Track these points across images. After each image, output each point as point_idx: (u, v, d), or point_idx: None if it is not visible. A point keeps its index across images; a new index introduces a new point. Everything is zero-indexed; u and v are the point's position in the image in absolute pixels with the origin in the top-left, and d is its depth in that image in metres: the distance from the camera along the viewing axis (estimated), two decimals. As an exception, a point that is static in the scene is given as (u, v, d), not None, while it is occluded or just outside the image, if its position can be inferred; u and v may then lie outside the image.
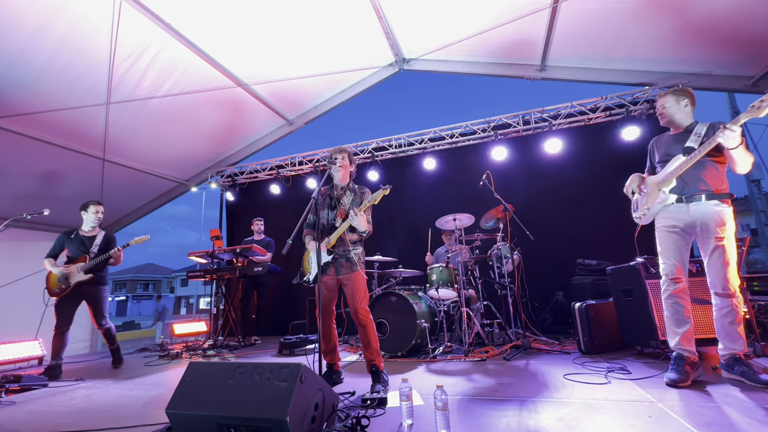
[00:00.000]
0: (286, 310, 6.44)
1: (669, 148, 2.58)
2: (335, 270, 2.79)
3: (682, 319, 2.44)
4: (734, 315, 2.28)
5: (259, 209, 6.71)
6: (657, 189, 2.55)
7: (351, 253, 2.77)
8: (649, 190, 2.61)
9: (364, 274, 2.82)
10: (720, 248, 2.31)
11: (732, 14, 3.61)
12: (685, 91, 2.59)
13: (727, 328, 2.31)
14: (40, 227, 5.98)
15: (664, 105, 2.61)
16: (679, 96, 2.56)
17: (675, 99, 2.57)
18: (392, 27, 4.73)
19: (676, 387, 2.28)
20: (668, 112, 2.59)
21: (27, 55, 3.79)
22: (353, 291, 2.73)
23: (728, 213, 2.35)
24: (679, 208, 2.46)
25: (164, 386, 3.14)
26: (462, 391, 2.46)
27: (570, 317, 3.72)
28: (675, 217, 2.48)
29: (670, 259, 2.51)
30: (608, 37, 4.30)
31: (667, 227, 2.52)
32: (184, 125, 5.55)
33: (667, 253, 2.52)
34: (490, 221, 4.41)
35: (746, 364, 2.21)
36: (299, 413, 1.60)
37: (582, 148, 5.29)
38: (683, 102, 2.56)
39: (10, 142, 4.60)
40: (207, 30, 4.18)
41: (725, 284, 2.30)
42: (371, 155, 6.13)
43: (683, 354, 2.39)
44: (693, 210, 2.41)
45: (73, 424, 2.21)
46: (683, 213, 2.44)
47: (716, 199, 2.36)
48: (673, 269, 2.49)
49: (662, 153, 2.63)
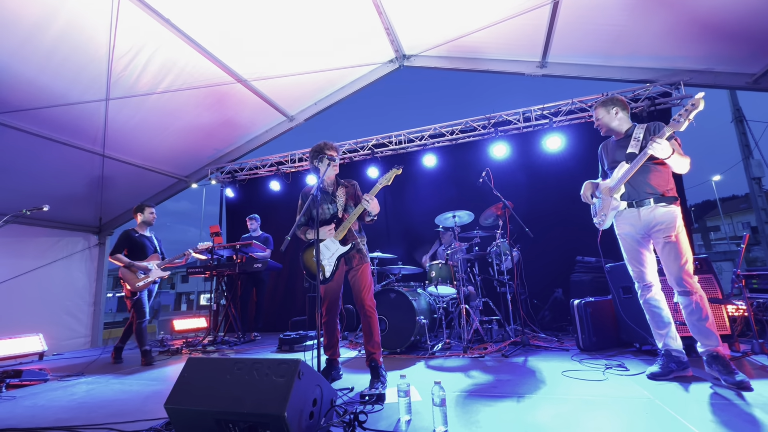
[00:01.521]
0: (286, 307, 6.46)
1: (614, 155, 2.67)
2: (346, 261, 2.81)
3: (662, 321, 2.51)
4: (699, 311, 2.29)
5: (259, 206, 6.71)
6: (609, 196, 2.62)
7: (361, 244, 2.84)
8: (603, 196, 2.69)
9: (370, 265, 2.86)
10: (669, 244, 2.36)
11: (734, 11, 3.59)
12: (613, 100, 2.69)
13: (696, 325, 2.32)
14: (39, 223, 5.98)
15: (597, 117, 2.73)
16: (608, 106, 2.67)
17: (605, 110, 2.68)
18: (392, 23, 4.71)
19: (655, 380, 2.38)
20: (603, 122, 2.70)
21: (26, 51, 3.78)
22: (361, 282, 2.76)
23: (676, 212, 2.42)
24: (631, 213, 2.54)
25: (164, 382, 3.15)
26: (460, 388, 2.47)
27: (569, 314, 3.73)
28: (629, 223, 2.56)
29: (636, 266, 2.58)
30: (609, 33, 4.28)
31: (625, 233, 2.61)
32: (184, 121, 5.54)
33: (632, 261, 2.60)
34: (489, 218, 4.41)
35: (723, 362, 2.21)
36: (297, 409, 1.61)
37: (582, 145, 5.27)
38: (612, 110, 2.66)
39: (9, 138, 4.59)
40: (207, 26, 4.17)
41: (680, 281, 2.33)
42: (371, 152, 6.12)
43: (671, 352, 2.46)
44: (643, 214, 2.48)
45: (74, 419, 2.22)
46: (635, 218, 2.52)
47: (664, 202, 2.44)
48: (641, 275, 2.57)
49: (610, 159, 2.71)
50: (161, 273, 4.19)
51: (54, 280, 6.11)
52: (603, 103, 2.70)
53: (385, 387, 2.51)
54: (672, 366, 2.41)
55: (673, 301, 2.49)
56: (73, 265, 6.47)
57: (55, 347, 5.53)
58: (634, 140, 2.51)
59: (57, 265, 6.16)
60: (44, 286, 5.93)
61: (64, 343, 5.96)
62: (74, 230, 6.54)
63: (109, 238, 7.13)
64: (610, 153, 2.74)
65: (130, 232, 4.28)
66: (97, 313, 6.68)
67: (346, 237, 2.80)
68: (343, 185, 2.97)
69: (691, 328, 2.37)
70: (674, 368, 2.41)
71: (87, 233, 6.77)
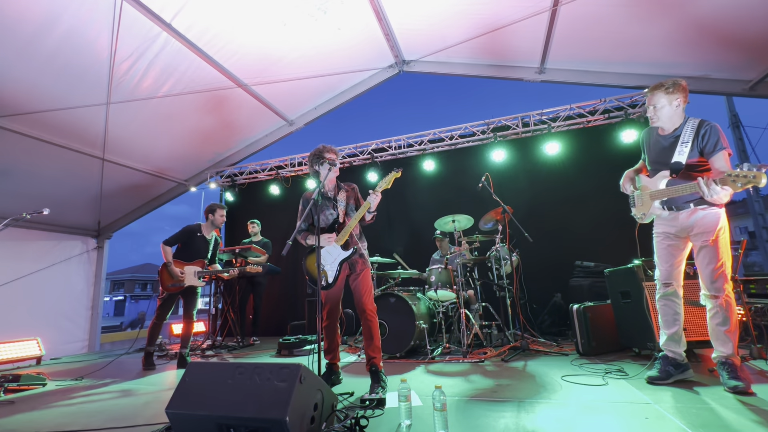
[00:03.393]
0: (285, 311, 6.45)
1: (658, 154, 2.53)
2: (349, 266, 2.82)
3: (671, 321, 2.52)
4: (720, 317, 2.29)
5: (258, 210, 6.71)
6: (650, 199, 2.57)
7: (363, 248, 2.85)
8: (644, 194, 2.62)
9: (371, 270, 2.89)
10: (705, 248, 2.33)
11: (731, 18, 3.63)
12: (677, 86, 2.39)
13: (716, 330, 2.33)
14: (38, 226, 5.97)
15: (655, 104, 2.46)
16: (672, 94, 2.39)
17: (668, 98, 2.41)
18: (393, 29, 4.75)
19: (654, 384, 2.39)
20: (661, 113, 2.45)
21: (28, 55, 3.79)
22: (363, 287, 2.76)
23: (718, 215, 2.33)
24: (671, 215, 2.50)
25: (163, 386, 3.14)
26: (460, 392, 2.47)
27: (568, 319, 3.74)
28: (668, 224, 2.53)
29: (662, 265, 2.58)
30: (607, 40, 4.32)
31: (661, 233, 2.58)
32: (184, 125, 5.55)
33: (660, 259, 2.59)
34: (488, 223, 4.42)
35: (730, 368, 2.22)
36: (298, 413, 1.61)
37: (581, 151, 5.31)
38: (675, 101, 2.40)
39: (10, 142, 4.59)
40: (207, 30, 4.19)
41: (709, 285, 2.33)
42: (371, 156, 6.14)
43: (669, 355, 2.48)
44: (682, 217, 2.44)
45: (72, 424, 2.21)
46: (675, 219, 2.48)
47: (705, 204, 2.35)
48: (664, 274, 2.56)
49: (653, 156, 2.59)
50: (196, 282, 3.98)
51: (52, 283, 6.08)
52: (666, 89, 2.39)
53: (386, 391, 2.51)
54: (670, 369, 2.43)
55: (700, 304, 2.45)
56: (72, 269, 6.44)
57: (53, 351, 5.50)
58: (682, 144, 2.37)
59: (55, 268, 6.14)
60: (42, 289, 5.91)
61: (61, 347, 5.92)
62: (73, 233, 6.53)
63: (108, 242, 7.12)
64: (653, 148, 2.58)
65: (193, 228, 4.13)
66: (94, 317, 6.65)
67: (348, 241, 2.80)
68: (344, 189, 2.96)
69: (710, 332, 2.36)
70: (672, 371, 2.42)
71: (86, 237, 6.75)
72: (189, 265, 4.00)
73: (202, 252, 4.12)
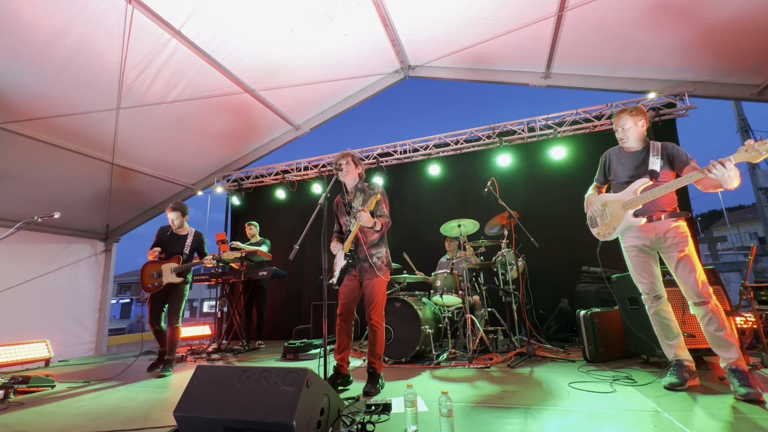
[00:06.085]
0: (290, 315, 6.46)
1: (631, 168, 2.61)
2: (359, 273, 2.84)
3: (672, 332, 2.53)
4: (716, 321, 2.28)
5: (264, 214, 6.75)
6: (622, 209, 2.58)
7: (374, 257, 2.82)
8: (613, 210, 2.64)
9: (386, 278, 2.86)
10: (684, 258, 2.39)
11: (738, 22, 3.63)
12: (640, 111, 2.61)
13: (714, 336, 2.31)
14: (48, 230, 6.06)
15: (622, 126, 2.63)
16: (636, 117, 2.60)
17: (633, 120, 2.60)
18: (399, 34, 4.79)
19: (674, 391, 2.37)
20: (628, 133, 2.62)
21: (41, 62, 3.87)
22: (371, 296, 2.79)
23: (685, 227, 2.48)
24: (644, 227, 2.53)
25: (170, 389, 3.15)
26: (466, 398, 2.46)
27: (575, 325, 3.71)
28: (641, 236, 2.55)
29: (646, 278, 2.59)
30: (613, 45, 4.32)
31: (633, 248, 2.60)
32: (191, 130, 5.62)
33: (642, 273, 2.60)
34: (494, 228, 4.41)
35: (740, 375, 2.18)
36: (305, 418, 1.61)
37: (587, 156, 5.29)
38: (640, 123, 2.60)
39: (22, 146, 4.69)
40: (216, 37, 4.26)
41: (697, 291, 2.33)
42: (376, 161, 6.16)
43: (683, 362, 2.48)
44: (656, 227, 2.49)
45: (81, 426, 2.23)
46: (650, 230, 2.52)
47: (675, 217, 2.47)
48: (653, 286, 2.58)
49: (625, 171, 2.65)
50: (173, 278, 3.92)
51: (61, 286, 6.17)
52: (631, 113, 2.61)
53: (379, 391, 2.63)
54: (686, 375, 2.42)
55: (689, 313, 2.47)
56: (80, 272, 6.53)
57: (61, 353, 5.56)
58: (653, 156, 2.50)
59: (64, 271, 6.22)
60: (51, 291, 5.99)
61: (69, 349, 5.99)
62: (81, 237, 6.62)
63: (116, 245, 7.20)
64: (623, 164, 2.67)
65: (163, 228, 4.16)
66: (102, 319, 6.72)
67: (352, 250, 2.82)
68: (361, 191, 2.93)
69: (709, 341, 2.34)
70: (688, 378, 2.42)
71: (94, 240, 6.84)
72: (166, 263, 3.98)
73: (174, 249, 4.06)
